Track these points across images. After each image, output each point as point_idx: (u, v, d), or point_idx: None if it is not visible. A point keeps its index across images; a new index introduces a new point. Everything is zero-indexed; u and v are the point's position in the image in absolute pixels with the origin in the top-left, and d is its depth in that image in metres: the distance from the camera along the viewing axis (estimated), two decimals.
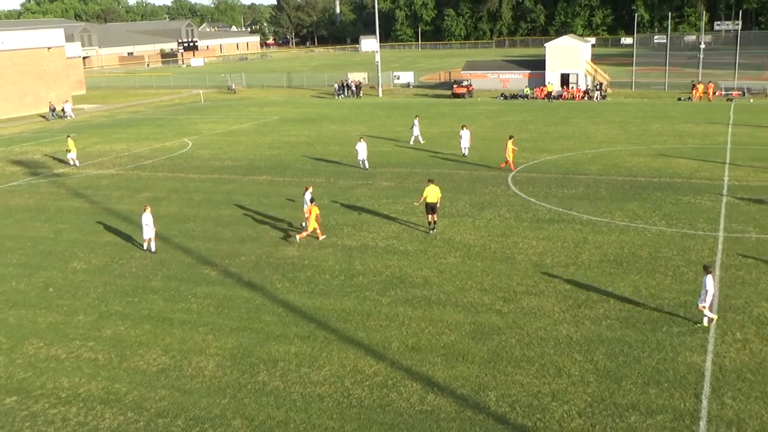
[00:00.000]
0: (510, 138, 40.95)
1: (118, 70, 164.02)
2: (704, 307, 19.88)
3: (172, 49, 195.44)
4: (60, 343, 20.61)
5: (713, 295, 19.96)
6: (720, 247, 26.39)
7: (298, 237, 28.85)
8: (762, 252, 25.65)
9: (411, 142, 50.37)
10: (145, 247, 28.31)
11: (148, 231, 27.92)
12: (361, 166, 41.81)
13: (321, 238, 28.83)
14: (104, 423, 16.39)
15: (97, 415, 16.75)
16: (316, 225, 28.45)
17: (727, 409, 15.92)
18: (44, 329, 21.57)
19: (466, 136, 44.10)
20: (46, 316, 22.51)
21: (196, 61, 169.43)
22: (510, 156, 40.07)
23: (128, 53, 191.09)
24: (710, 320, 20.07)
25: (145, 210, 28.08)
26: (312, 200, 28.76)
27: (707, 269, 19.88)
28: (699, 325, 19.99)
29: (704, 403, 16.24)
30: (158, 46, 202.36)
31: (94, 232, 31.37)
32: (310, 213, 28.27)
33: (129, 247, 29.07)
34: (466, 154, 44.36)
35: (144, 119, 72.35)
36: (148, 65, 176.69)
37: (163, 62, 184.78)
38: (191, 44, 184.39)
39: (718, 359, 18.11)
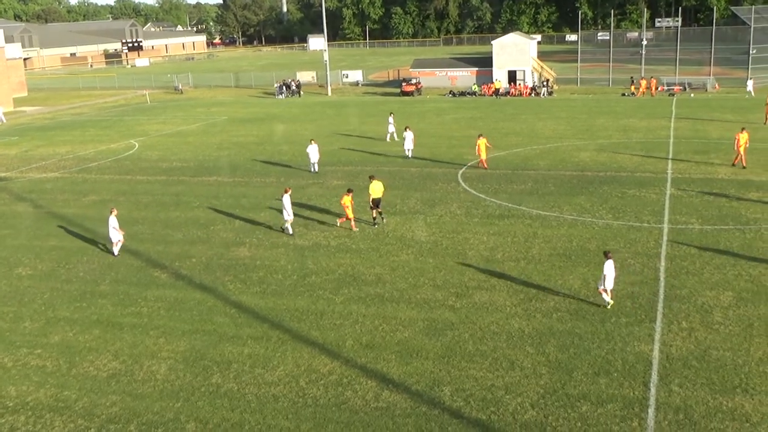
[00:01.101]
0: (479, 136, 40.00)
1: (60, 71, 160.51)
2: (603, 290, 20.91)
3: (116, 50, 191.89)
4: (6, 350, 20.13)
5: (612, 279, 20.84)
6: (665, 238, 27.00)
7: (338, 221, 30.07)
8: (705, 242, 26.32)
9: (387, 139, 50.31)
10: (116, 252, 27.76)
11: (116, 234, 27.47)
12: (312, 169, 41.05)
13: (354, 230, 29.45)
14: (54, 431, 16.08)
15: (47, 423, 16.42)
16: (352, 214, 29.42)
17: (674, 396, 16.31)
18: None
19: (409, 137, 43.47)
20: None
21: (141, 61, 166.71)
22: (483, 153, 39.29)
23: (71, 54, 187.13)
24: (607, 303, 21.12)
25: (111, 213, 27.69)
26: (349, 190, 29.48)
27: (607, 255, 20.88)
28: (603, 306, 21.04)
29: (652, 390, 16.60)
30: (102, 47, 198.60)
31: (39, 237, 30.70)
32: (344, 203, 29.03)
33: (76, 251, 28.52)
34: (410, 156, 43.81)
35: (88, 121, 71.00)
36: (91, 66, 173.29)
37: (107, 63, 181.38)
38: (136, 44, 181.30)
39: (665, 348, 18.53)
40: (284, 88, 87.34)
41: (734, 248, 25.57)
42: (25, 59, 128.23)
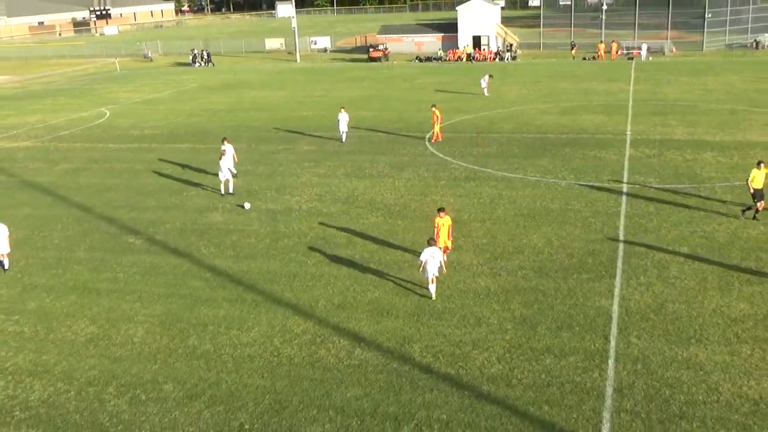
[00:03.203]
0: (433, 106, 39.08)
1: (29, 40, 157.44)
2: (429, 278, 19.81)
3: (84, 18, 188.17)
4: None
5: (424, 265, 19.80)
6: (624, 197, 27.80)
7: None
8: (662, 201, 27.16)
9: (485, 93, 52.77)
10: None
11: None
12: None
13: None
14: (34, 395, 16.40)
15: (27, 387, 16.73)
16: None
17: (632, 348, 17.07)
18: None
19: (343, 119, 39.15)
20: None
21: (110, 29, 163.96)
22: (436, 126, 38.39)
23: (39, 23, 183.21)
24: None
25: None
26: (441, 209, 21.84)
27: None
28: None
29: (612, 343, 17.34)
30: (70, 15, 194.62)
31: (12, 206, 30.71)
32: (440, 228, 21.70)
33: (50, 219, 28.66)
34: (343, 140, 39.51)
35: (59, 90, 70.19)
36: (60, 34, 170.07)
37: (75, 31, 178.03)
38: (104, 12, 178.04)
39: (624, 302, 19.32)
40: (196, 58, 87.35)
41: (690, 206, 26.45)
42: None
